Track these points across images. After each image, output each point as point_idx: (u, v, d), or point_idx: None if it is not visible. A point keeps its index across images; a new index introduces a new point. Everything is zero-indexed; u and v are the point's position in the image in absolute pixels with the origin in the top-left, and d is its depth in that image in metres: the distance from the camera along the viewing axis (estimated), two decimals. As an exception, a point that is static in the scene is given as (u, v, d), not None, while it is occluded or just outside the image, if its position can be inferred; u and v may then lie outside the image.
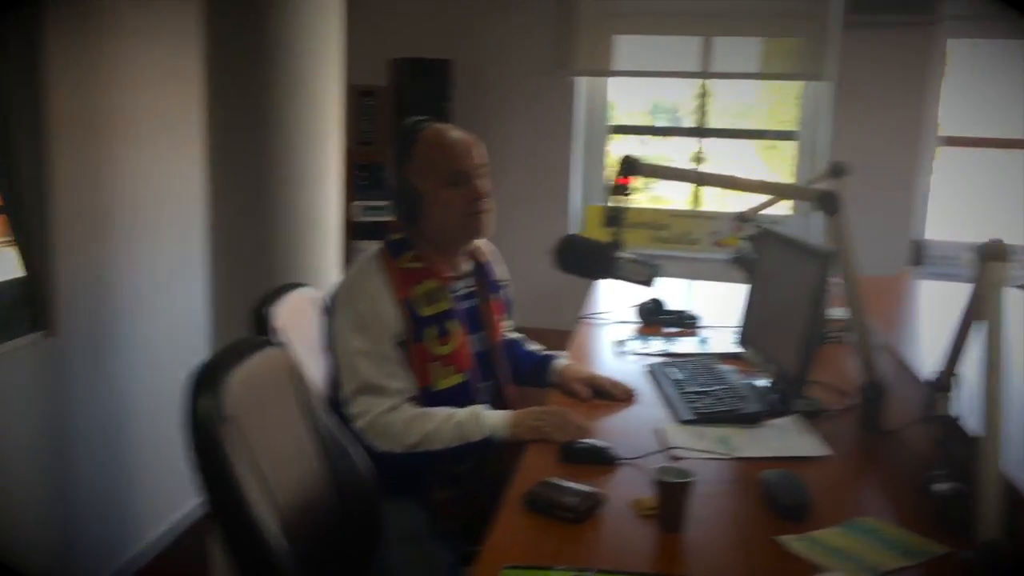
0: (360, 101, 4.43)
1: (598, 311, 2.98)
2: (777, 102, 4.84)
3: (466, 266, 2.08)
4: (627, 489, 1.62)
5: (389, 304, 1.88)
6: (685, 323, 2.84)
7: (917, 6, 4.00)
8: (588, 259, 2.01)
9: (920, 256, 4.31)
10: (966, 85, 4.49)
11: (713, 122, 4.69)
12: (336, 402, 1.89)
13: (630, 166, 1.95)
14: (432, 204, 1.95)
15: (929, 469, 1.59)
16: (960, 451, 1.52)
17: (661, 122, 4.97)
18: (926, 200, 4.39)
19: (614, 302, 3.03)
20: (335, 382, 1.92)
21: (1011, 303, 2.83)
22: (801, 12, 4.24)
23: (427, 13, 4.59)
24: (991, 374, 1.31)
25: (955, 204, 4.55)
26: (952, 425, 1.61)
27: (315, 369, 2.01)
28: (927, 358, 2.03)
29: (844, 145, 4.21)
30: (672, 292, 3.07)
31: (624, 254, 1.99)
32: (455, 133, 2.00)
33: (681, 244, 4.60)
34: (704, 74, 4.49)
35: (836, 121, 4.24)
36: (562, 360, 2.27)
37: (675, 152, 4.89)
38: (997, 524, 1.24)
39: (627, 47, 4.56)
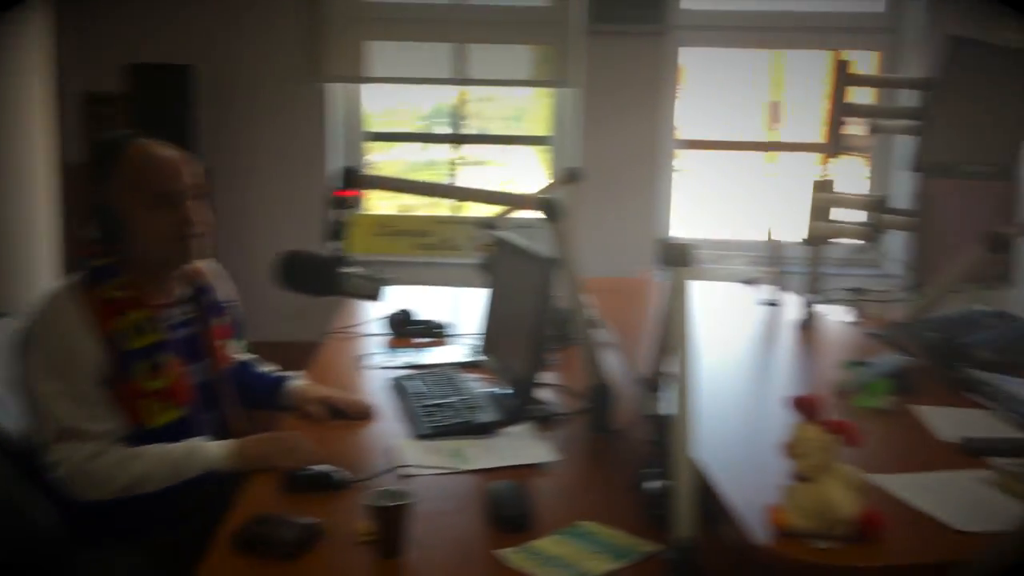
0: (94, 109, 4.14)
1: (348, 324, 2.91)
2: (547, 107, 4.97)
3: (183, 291, 1.95)
4: (355, 515, 1.57)
5: (87, 339, 1.72)
6: (435, 333, 2.82)
7: (650, 16, 4.21)
8: (310, 275, 1.93)
9: (666, 254, 4.54)
10: (701, 91, 4.79)
11: (493, 127, 4.76)
12: (35, 449, 1.72)
13: (350, 178, 1.89)
14: (136, 228, 1.80)
15: (643, 467, 1.64)
16: (667, 448, 1.58)
17: (442, 127, 4.94)
18: (669, 201, 4.64)
19: (364, 314, 2.97)
20: (34, 428, 1.74)
21: (731, 297, 3.04)
22: (547, 20, 4.36)
23: (167, 17, 4.34)
24: (679, 373, 1.36)
25: (696, 203, 4.84)
26: (661, 423, 1.66)
27: (15, 412, 1.82)
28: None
29: (592, 150, 4.37)
30: (429, 300, 3.06)
31: (349, 268, 1.93)
32: (163, 151, 1.86)
33: (444, 250, 4.60)
34: (458, 80, 4.52)
35: (584, 127, 4.39)
36: (296, 380, 2.18)
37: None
38: (691, 520, 1.29)
39: (394, 53, 4.53)
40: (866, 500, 1.26)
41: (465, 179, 4.80)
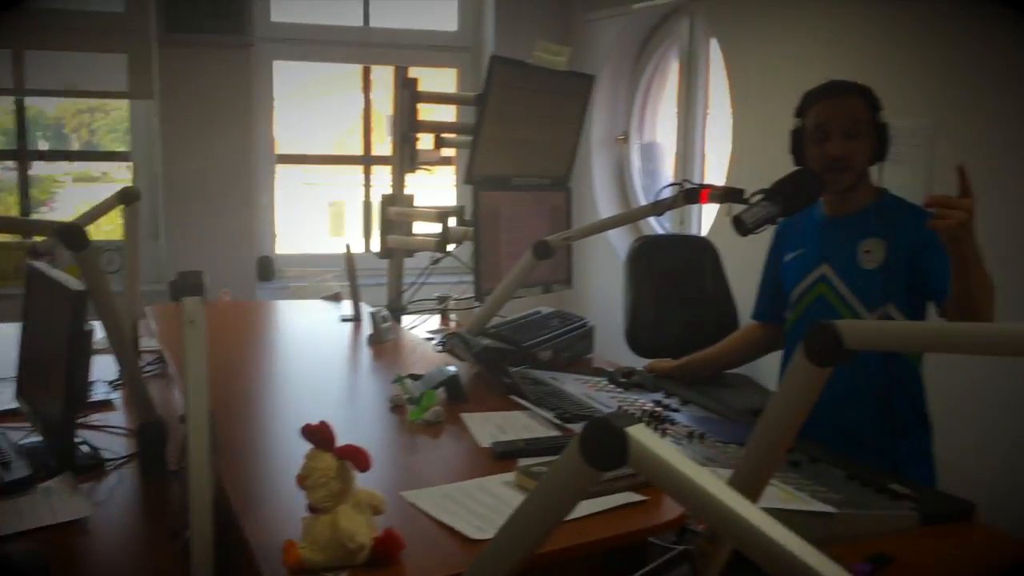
0: None
1: None
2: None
3: None
4: None
5: None
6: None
7: (231, 27, 4.04)
8: None
9: (269, 272, 4.41)
10: (303, 104, 4.72)
11: (105, 139, 4.32)
12: None
13: None
14: None
15: (186, 513, 1.52)
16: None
17: (45, 142, 4.33)
18: (272, 217, 4.51)
19: None
20: None
21: (312, 315, 2.98)
22: (119, 28, 4.04)
23: None
24: (190, 409, 1.26)
25: (298, 218, 4.77)
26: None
27: None
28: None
29: (178, 166, 4.12)
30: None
31: None
32: None
33: (10, 281, 4.07)
34: (17, 91, 4.04)
35: (166, 141, 4.12)
36: None
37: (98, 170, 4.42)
38: (208, 568, 1.20)
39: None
40: (387, 522, 1.25)
41: (71, 197, 4.38)
